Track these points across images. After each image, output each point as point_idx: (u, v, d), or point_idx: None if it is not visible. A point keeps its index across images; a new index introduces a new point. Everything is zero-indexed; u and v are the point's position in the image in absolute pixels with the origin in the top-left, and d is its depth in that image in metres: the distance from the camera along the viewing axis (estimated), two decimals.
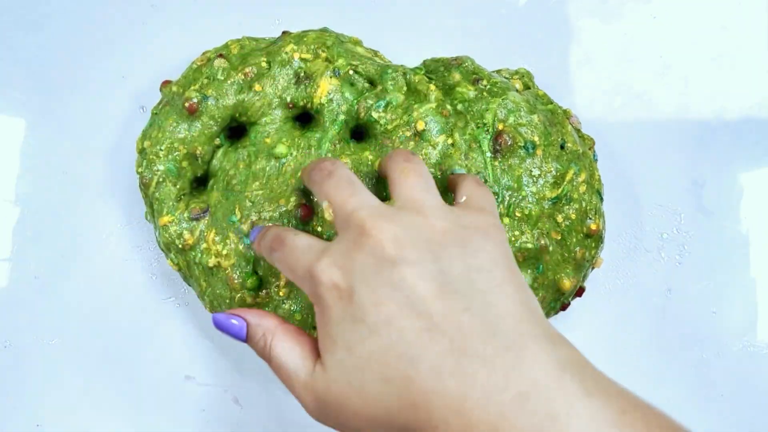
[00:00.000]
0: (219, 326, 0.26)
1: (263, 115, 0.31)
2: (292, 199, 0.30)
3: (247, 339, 0.25)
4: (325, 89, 0.31)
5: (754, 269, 0.35)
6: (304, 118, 0.32)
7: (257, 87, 0.31)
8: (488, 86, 0.32)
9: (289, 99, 0.31)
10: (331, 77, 0.31)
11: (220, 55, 0.32)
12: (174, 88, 0.32)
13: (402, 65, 0.33)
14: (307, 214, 0.30)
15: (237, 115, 0.32)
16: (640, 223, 0.35)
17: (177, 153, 0.31)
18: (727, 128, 0.37)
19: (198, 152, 0.31)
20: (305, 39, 0.32)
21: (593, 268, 0.33)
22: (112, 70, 0.36)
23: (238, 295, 0.30)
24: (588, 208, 0.32)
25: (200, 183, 0.32)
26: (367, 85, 0.32)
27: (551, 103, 0.33)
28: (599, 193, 0.32)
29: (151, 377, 0.33)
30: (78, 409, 0.33)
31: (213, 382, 0.34)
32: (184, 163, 0.31)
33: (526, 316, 0.21)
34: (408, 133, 0.31)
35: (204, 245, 0.31)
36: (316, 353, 0.24)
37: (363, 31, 0.35)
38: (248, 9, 0.37)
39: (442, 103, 0.31)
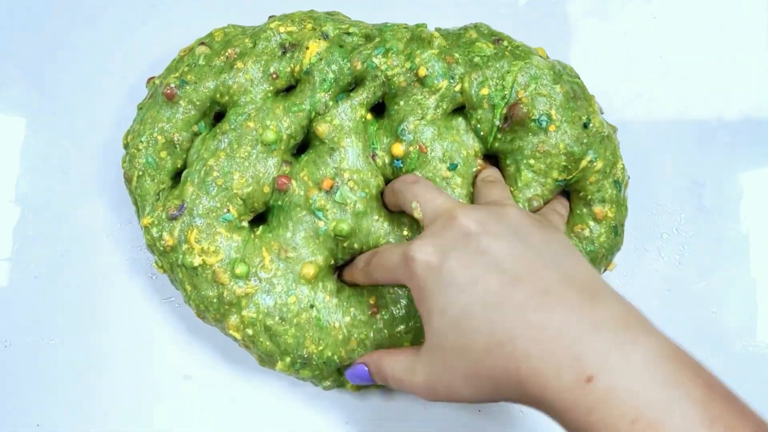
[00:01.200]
0: (356, 377, 0.29)
1: (245, 93, 0.30)
2: (273, 179, 0.30)
3: (371, 376, 0.29)
4: (314, 50, 0.30)
5: (754, 269, 0.35)
6: (287, 91, 0.31)
7: (239, 64, 0.30)
8: (510, 48, 0.31)
9: (272, 70, 0.30)
10: (319, 39, 0.30)
11: (202, 44, 0.32)
12: (157, 81, 0.32)
13: (404, 23, 0.32)
14: (284, 183, 0.29)
15: (218, 96, 0.31)
16: (640, 223, 0.35)
17: (156, 144, 0.30)
18: (727, 128, 0.37)
19: (176, 139, 0.30)
20: (291, 16, 0.32)
21: (606, 269, 0.33)
22: (112, 70, 0.36)
23: (227, 290, 0.29)
24: (592, 198, 0.31)
25: (180, 175, 0.31)
26: (362, 41, 0.31)
27: (578, 77, 0.32)
28: (617, 184, 0.31)
29: (150, 377, 0.33)
30: (78, 409, 0.33)
31: (212, 382, 0.34)
32: (163, 154, 0.30)
33: (597, 276, 0.24)
34: (407, 81, 0.30)
35: (186, 246, 0.29)
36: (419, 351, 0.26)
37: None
38: (248, 9, 0.37)
39: (447, 50, 0.30)
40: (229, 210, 0.29)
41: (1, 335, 0.34)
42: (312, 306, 0.29)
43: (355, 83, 0.30)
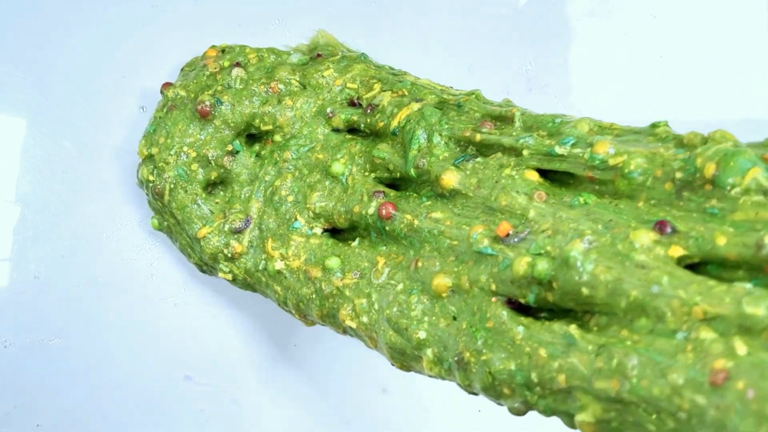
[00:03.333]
0: None
1: (301, 124, 0.31)
2: (371, 203, 0.28)
3: None
4: (404, 114, 0.29)
5: None
6: (350, 132, 0.31)
7: (288, 102, 0.31)
8: None
9: (329, 110, 0.31)
10: (411, 102, 0.29)
11: (237, 64, 0.32)
12: (181, 92, 0.32)
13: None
14: (389, 212, 0.28)
15: (257, 122, 0.31)
16: None
17: (186, 157, 0.31)
18: (727, 128, 0.37)
19: (210, 155, 0.31)
20: (350, 70, 0.32)
21: None
22: (112, 69, 0.36)
23: (323, 282, 0.28)
24: None
25: (212, 186, 0.32)
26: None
27: None
28: None
29: (150, 377, 0.33)
30: (78, 409, 0.33)
31: (212, 382, 0.34)
32: (194, 167, 0.31)
33: None
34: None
35: (264, 255, 0.30)
36: None
37: (362, 31, 0.35)
38: (248, 9, 0.37)
39: None
40: (297, 219, 0.30)
41: (0, 335, 0.34)
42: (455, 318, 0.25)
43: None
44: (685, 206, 0.22)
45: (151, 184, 0.31)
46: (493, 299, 0.24)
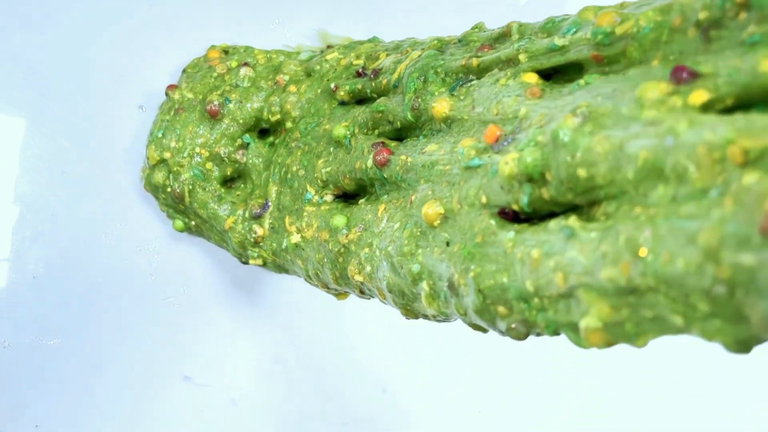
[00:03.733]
0: None
1: (307, 107, 0.31)
2: (370, 156, 0.27)
3: None
4: (404, 65, 0.28)
5: None
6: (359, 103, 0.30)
7: (292, 88, 0.31)
8: None
9: (333, 86, 0.30)
10: (411, 54, 0.28)
11: (245, 64, 0.32)
12: (188, 94, 0.32)
13: None
14: (384, 158, 0.26)
15: (265, 114, 0.31)
16: None
17: (200, 157, 0.31)
18: None
19: (222, 153, 0.31)
20: (353, 48, 0.32)
21: None
22: (111, 69, 0.36)
23: (331, 242, 0.28)
24: None
25: (231, 180, 0.32)
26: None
27: None
28: None
29: (149, 377, 0.33)
30: (77, 410, 0.33)
31: (211, 383, 0.34)
32: (209, 165, 0.31)
33: None
34: None
35: (285, 233, 0.30)
36: None
37: (362, 29, 0.35)
38: (248, 9, 0.37)
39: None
40: (307, 190, 0.30)
41: (0, 335, 0.34)
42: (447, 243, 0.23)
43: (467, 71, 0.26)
44: (714, 48, 0.17)
45: (169, 189, 0.32)
46: (483, 212, 0.21)
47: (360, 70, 0.31)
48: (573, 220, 0.17)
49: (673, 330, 0.15)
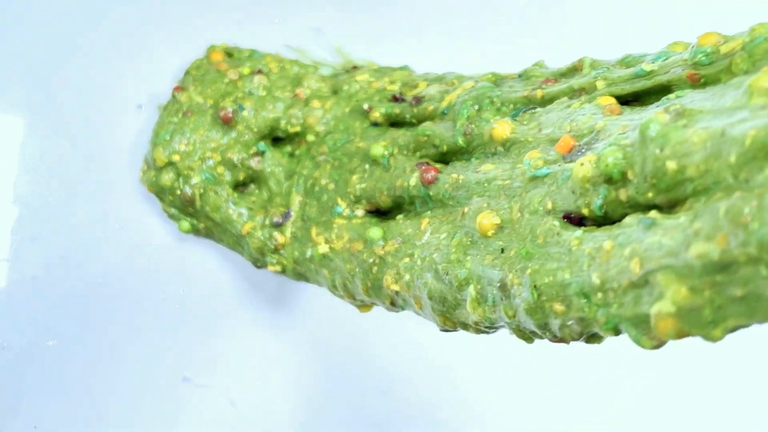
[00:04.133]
0: None
1: (334, 123, 0.31)
2: (414, 174, 0.27)
3: None
4: (457, 94, 0.28)
5: None
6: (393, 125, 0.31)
7: (316, 103, 0.31)
8: None
9: (366, 107, 0.31)
10: (463, 83, 0.28)
11: (259, 71, 0.32)
12: (198, 98, 0.32)
13: None
14: (433, 176, 0.26)
15: (284, 125, 0.32)
16: None
17: (211, 161, 0.31)
18: None
19: (235, 159, 0.31)
20: (387, 73, 0.32)
21: None
22: (110, 69, 0.36)
23: (366, 253, 0.27)
24: None
25: (243, 186, 0.33)
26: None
27: None
28: None
29: (148, 378, 0.33)
30: (76, 411, 0.33)
31: (211, 384, 0.33)
32: (220, 169, 0.31)
33: None
34: None
35: (310, 244, 0.30)
36: None
37: (363, 31, 0.35)
38: (248, 9, 0.37)
39: None
40: (338, 203, 0.30)
41: None
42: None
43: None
44: None
45: (178, 191, 0.32)
46: (547, 217, 0.20)
47: (398, 96, 0.31)
48: (653, 213, 0.16)
49: (764, 311, 0.14)
